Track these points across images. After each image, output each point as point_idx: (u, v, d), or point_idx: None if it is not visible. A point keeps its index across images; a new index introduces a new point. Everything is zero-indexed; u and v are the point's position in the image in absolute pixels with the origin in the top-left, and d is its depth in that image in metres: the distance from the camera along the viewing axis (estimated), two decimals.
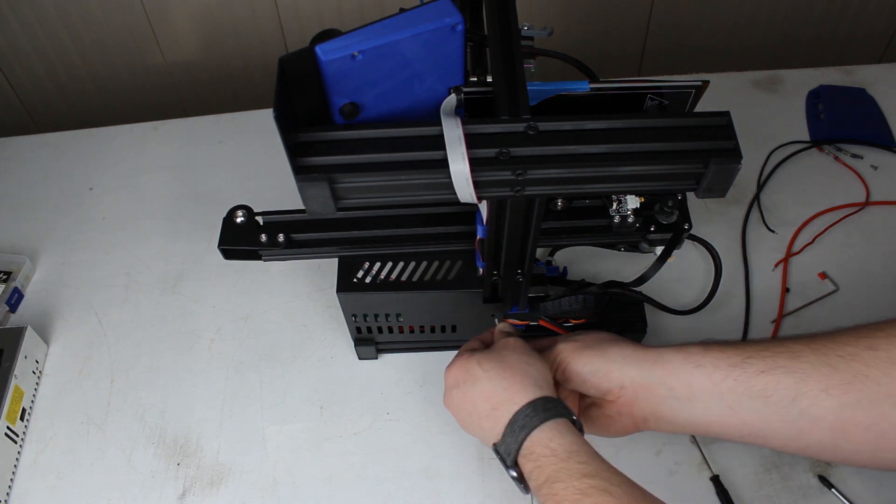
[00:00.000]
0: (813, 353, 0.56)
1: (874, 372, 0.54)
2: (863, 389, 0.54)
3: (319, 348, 0.80)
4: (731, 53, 1.18)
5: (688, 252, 0.82)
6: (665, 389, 0.59)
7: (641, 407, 0.61)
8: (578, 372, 0.62)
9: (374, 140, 0.52)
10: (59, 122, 1.18)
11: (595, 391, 0.62)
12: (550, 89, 0.58)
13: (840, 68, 1.00)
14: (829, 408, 0.55)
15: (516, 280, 0.65)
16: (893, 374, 0.53)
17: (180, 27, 1.08)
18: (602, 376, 0.61)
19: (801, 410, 0.56)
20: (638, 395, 0.60)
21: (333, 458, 0.73)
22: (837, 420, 0.55)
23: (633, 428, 0.62)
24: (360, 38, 0.50)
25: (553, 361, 0.63)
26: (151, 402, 0.77)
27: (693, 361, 0.59)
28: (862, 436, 0.55)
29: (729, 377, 0.58)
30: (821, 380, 0.55)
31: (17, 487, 0.73)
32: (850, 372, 0.54)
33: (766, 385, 0.56)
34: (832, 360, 0.55)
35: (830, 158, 0.91)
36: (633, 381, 0.60)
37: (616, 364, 0.61)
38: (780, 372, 0.56)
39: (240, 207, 0.69)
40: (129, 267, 0.88)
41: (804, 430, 0.56)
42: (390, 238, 0.68)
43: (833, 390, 0.55)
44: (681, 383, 0.59)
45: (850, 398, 0.54)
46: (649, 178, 0.52)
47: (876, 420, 0.54)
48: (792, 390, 0.56)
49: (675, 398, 0.59)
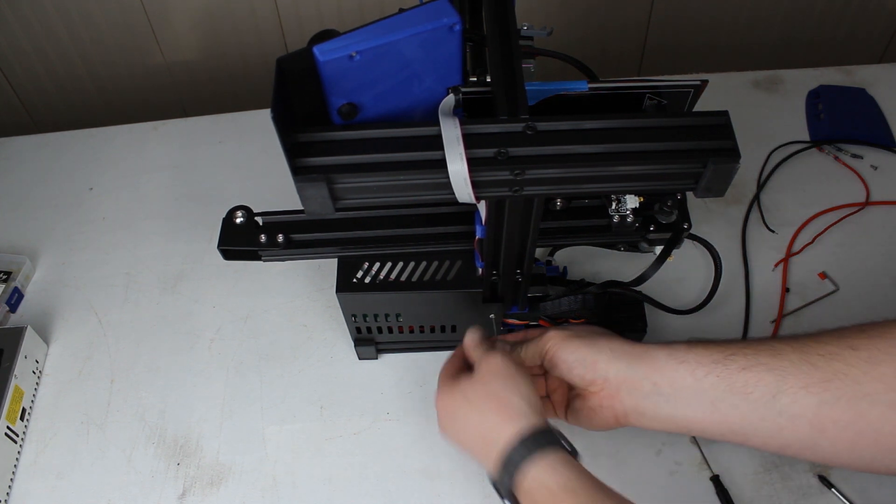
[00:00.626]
0: (794, 352, 0.57)
1: (854, 371, 0.54)
2: (842, 388, 0.54)
3: (319, 348, 0.80)
4: (731, 53, 1.18)
5: (687, 252, 0.82)
6: (648, 385, 0.60)
7: (623, 401, 0.61)
8: (565, 360, 0.62)
9: (372, 140, 0.52)
10: (59, 122, 1.18)
11: (579, 380, 0.62)
12: (549, 89, 0.58)
13: (840, 68, 1.00)
14: (808, 405, 0.55)
15: (516, 280, 0.65)
16: (872, 374, 0.54)
17: (180, 27, 1.08)
18: (588, 366, 0.61)
19: (781, 407, 0.56)
20: (621, 389, 0.61)
21: (333, 458, 0.73)
22: (816, 417, 0.55)
23: (615, 422, 0.63)
24: (357, 39, 0.50)
25: (542, 348, 0.63)
26: (151, 402, 0.77)
27: (677, 358, 0.60)
28: (840, 434, 0.55)
29: (711, 373, 0.58)
30: (801, 377, 0.56)
31: (17, 487, 0.73)
32: (830, 370, 0.55)
33: (748, 381, 0.57)
34: (813, 358, 0.56)
35: (830, 158, 0.91)
36: (618, 375, 0.61)
37: (603, 356, 0.61)
38: (761, 369, 0.57)
39: (239, 208, 0.69)
40: (129, 267, 0.88)
41: (784, 428, 0.57)
42: (390, 238, 0.68)
43: (813, 388, 0.55)
44: (664, 379, 0.59)
45: (829, 396, 0.55)
46: (648, 178, 0.52)
47: (854, 418, 0.54)
48: (772, 387, 0.56)
49: (658, 393, 0.60)
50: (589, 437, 0.65)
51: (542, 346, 0.63)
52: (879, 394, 0.53)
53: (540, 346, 0.64)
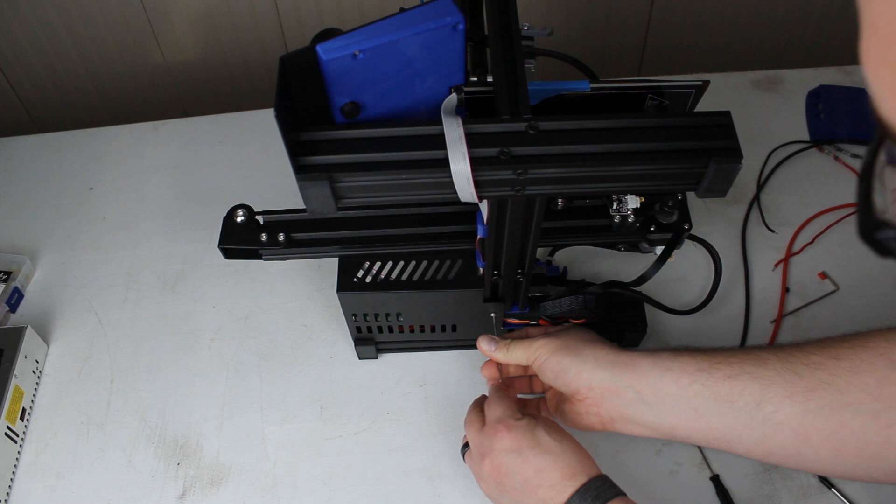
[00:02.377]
0: (779, 361, 0.58)
1: (837, 380, 0.55)
2: (825, 397, 0.55)
3: (319, 348, 0.80)
4: (731, 53, 1.18)
5: (688, 252, 0.82)
6: (633, 393, 0.61)
7: (608, 408, 0.62)
8: (552, 369, 0.64)
9: (374, 139, 0.52)
10: (59, 122, 1.18)
11: (565, 388, 0.64)
12: (551, 89, 0.58)
13: (840, 68, 1.00)
14: (792, 414, 0.56)
15: (517, 280, 0.65)
16: (855, 383, 0.54)
17: (180, 27, 1.08)
18: (572, 376, 0.62)
19: (765, 416, 0.57)
20: (605, 397, 0.62)
21: (333, 458, 0.73)
22: (800, 426, 0.56)
23: (601, 427, 0.64)
24: (360, 38, 0.50)
25: (531, 355, 0.65)
26: (151, 402, 0.77)
27: (662, 366, 0.60)
28: (823, 443, 0.56)
29: (696, 382, 0.59)
30: (785, 386, 0.56)
31: (17, 487, 0.72)
32: (814, 379, 0.56)
33: (732, 390, 0.58)
34: (797, 367, 0.57)
35: (830, 158, 0.91)
36: (602, 384, 0.61)
37: (587, 365, 0.62)
38: (745, 378, 0.58)
39: (240, 207, 0.69)
40: (129, 267, 0.88)
41: (768, 436, 0.57)
42: (391, 237, 0.68)
43: (797, 397, 0.56)
44: (649, 387, 0.60)
45: (813, 405, 0.55)
46: (650, 178, 0.52)
47: (837, 427, 0.55)
48: (757, 395, 0.57)
49: (643, 402, 0.60)
50: (589, 437, 0.65)
51: (531, 353, 0.65)
52: (862, 403, 0.54)
53: (529, 353, 0.65)
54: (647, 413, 0.61)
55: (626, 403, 0.61)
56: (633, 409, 0.61)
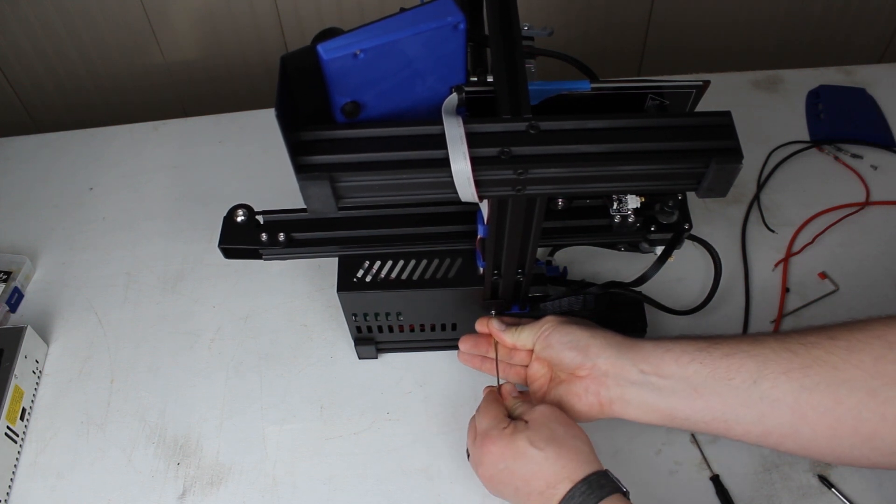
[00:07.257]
0: (776, 341, 0.59)
1: (833, 358, 0.56)
2: (821, 373, 0.56)
3: (319, 348, 0.80)
4: (731, 53, 1.18)
5: (688, 252, 0.82)
6: (636, 373, 0.62)
7: (610, 387, 0.63)
8: (560, 340, 0.64)
9: (375, 139, 0.52)
10: (59, 122, 1.18)
11: (570, 361, 0.64)
12: (551, 89, 0.58)
13: (840, 68, 1.00)
14: (788, 390, 0.57)
15: (517, 279, 0.66)
16: (851, 361, 0.55)
17: (180, 27, 1.08)
18: (581, 348, 0.63)
19: (762, 393, 0.57)
20: (608, 375, 0.62)
21: (333, 458, 0.73)
22: (797, 403, 0.57)
23: (598, 409, 0.64)
24: (361, 37, 0.50)
25: (538, 329, 0.66)
26: (151, 402, 0.77)
27: (663, 347, 0.62)
28: (820, 419, 0.56)
29: (695, 360, 0.60)
30: (781, 363, 0.57)
31: (17, 487, 0.72)
32: (810, 357, 0.57)
33: (730, 367, 0.59)
34: (794, 346, 0.58)
35: (830, 158, 0.91)
36: (608, 361, 0.63)
37: (596, 341, 0.63)
38: (742, 355, 0.59)
39: (240, 206, 0.69)
40: (129, 267, 0.88)
41: (765, 414, 0.58)
42: (391, 237, 0.68)
43: (793, 373, 0.57)
44: (650, 367, 0.61)
45: (809, 381, 0.56)
46: (650, 178, 0.52)
47: (833, 404, 0.56)
48: (754, 372, 0.58)
49: (644, 382, 0.61)
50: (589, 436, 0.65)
51: (538, 327, 0.66)
52: (858, 380, 0.55)
53: (536, 328, 0.66)
54: (647, 394, 0.61)
55: (629, 383, 0.62)
56: (633, 390, 0.62)
